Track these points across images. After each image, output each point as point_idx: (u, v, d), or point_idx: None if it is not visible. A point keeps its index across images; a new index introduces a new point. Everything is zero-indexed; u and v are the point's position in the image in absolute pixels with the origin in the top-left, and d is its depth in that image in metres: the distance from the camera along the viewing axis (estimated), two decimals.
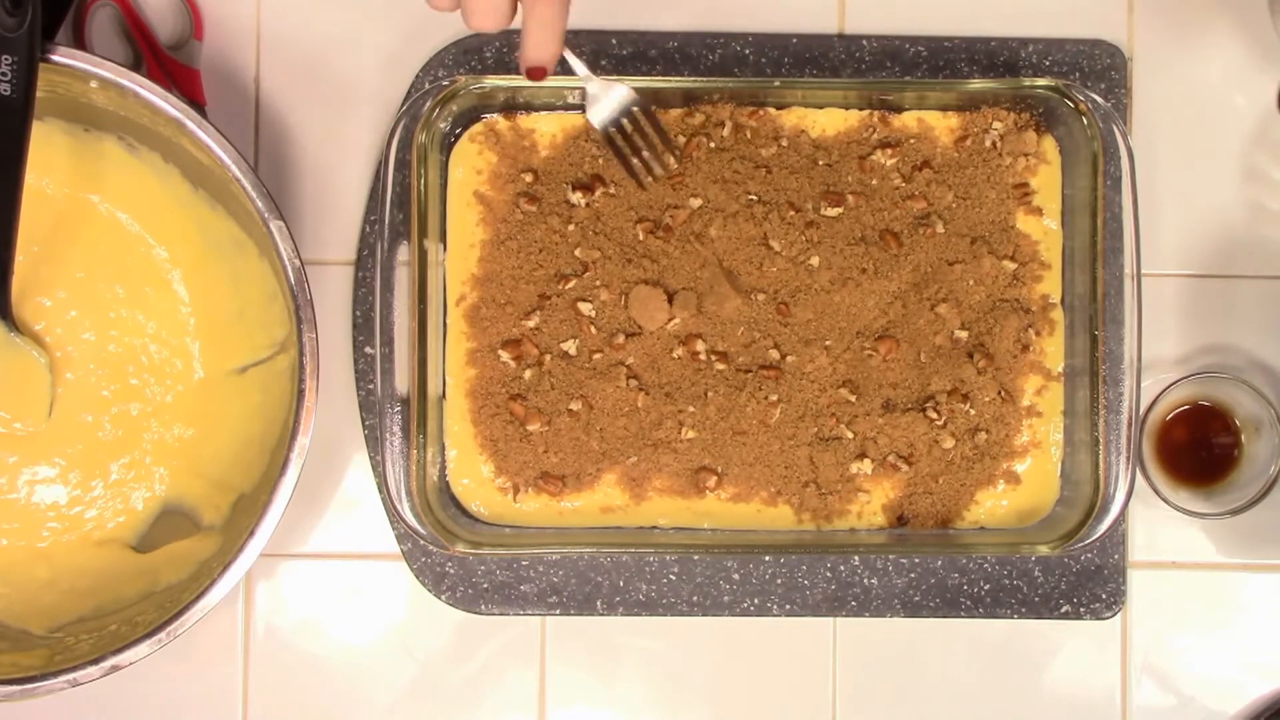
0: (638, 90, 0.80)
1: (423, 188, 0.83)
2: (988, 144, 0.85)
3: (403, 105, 0.86)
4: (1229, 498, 0.86)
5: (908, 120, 0.86)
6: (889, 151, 0.85)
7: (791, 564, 0.87)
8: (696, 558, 0.87)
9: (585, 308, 0.84)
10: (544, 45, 0.69)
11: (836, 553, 0.86)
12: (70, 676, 0.76)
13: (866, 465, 0.84)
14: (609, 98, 0.80)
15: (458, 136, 0.86)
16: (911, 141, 0.85)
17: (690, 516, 0.85)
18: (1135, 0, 0.88)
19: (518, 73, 0.71)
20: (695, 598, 0.87)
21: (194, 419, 0.85)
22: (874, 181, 0.85)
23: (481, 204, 0.86)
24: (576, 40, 0.88)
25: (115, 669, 0.76)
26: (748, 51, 0.88)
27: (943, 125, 0.86)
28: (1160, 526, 0.88)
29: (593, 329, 0.85)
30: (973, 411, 0.85)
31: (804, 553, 0.86)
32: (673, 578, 0.87)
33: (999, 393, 0.85)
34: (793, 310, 0.85)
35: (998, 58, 0.88)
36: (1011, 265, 0.85)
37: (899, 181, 0.85)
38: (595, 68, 0.87)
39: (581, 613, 0.87)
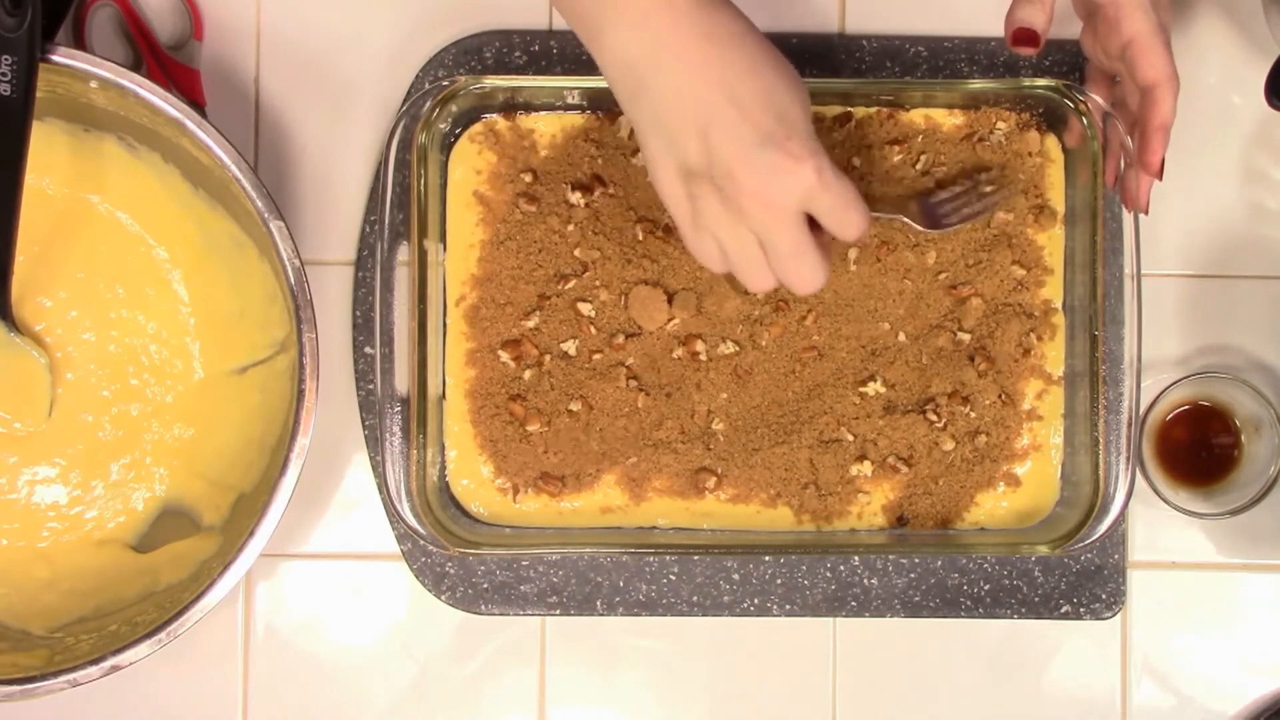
0: None
1: (422, 188, 0.83)
2: (993, 143, 0.85)
3: (403, 105, 0.86)
4: (1229, 498, 0.86)
5: (915, 117, 0.86)
6: (895, 148, 0.85)
7: (791, 564, 0.87)
8: (696, 558, 0.87)
9: (585, 308, 0.84)
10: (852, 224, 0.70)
11: (836, 553, 0.86)
12: (70, 676, 0.76)
13: (866, 467, 0.84)
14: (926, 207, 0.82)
15: (457, 136, 0.86)
16: (919, 139, 0.85)
17: (689, 517, 0.85)
18: None
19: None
20: (695, 598, 0.87)
21: (194, 419, 0.85)
22: (880, 171, 0.85)
23: (481, 204, 0.86)
24: (577, 41, 0.87)
25: (115, 669, 0.76)
26: None
27: (948, 124, 0.86)
28: (1160, 526, 0.88)
29: (592, 329, 0.85)
30: (973, 414, 0.85)
31: (804, 553, 0.86)
32: (673, 578, 0.87)
33: (999, 396, 0.85)
34: (792, 308, 0.85)
35: (998, 58, 0.88)
36: (1021, 271, 0.85)
37: (909, 176, 0.85)
38: (595, 68, 0.87)
39: (581, 613, 0.87)
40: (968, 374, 0.85)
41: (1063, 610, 0.87)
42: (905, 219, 0.79)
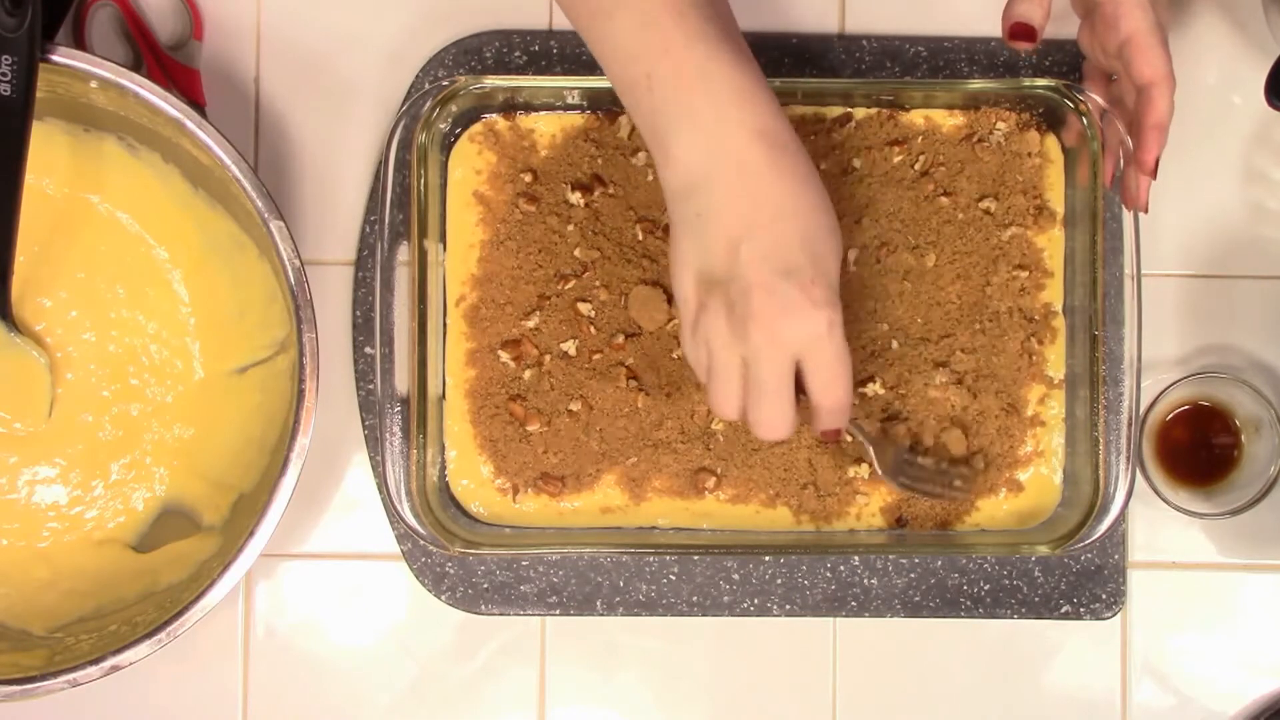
0: None
1: (422, 188, 0.83)
2: (993, 144, 0.85)
3: (403, 105, 0.86)
4: (1229, 498, 0.86)
5: (915, 118, 0.86)
6: (895, 149, 0.85)
7: (791, 564, 0.87)
8: (696, 558, 0.87)
9: (585, 308, 0.84)
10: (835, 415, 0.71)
11: (836, 553, 0.86)
12: (70, 676, 0.76)
13: (864, 469, 0.84)
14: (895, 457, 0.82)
15: (457, 136, 0.86)
16: (919, 140, 0.85)
17: (689, 517, 0.85)
18: None
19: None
20: (695, 598, 0.87)
21: (194, 419, 0.85)
22: (880, 173, 0.85)
23: (481, 204, 0.86)
24: (577, 41, 0.88)
25: (115, 669, 0.76)
26: None
27: (948, 124, 0.86)
28: (1160, 526, 0.88)
29: (592, 329, 0.85)
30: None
31: (804, 553, 0.86)
32: (673, 578, 0.87)
33: (1002, 407, 0.85)
34: None
35: (998, 58, 0.88)
36: (1024, 274, 0.85)
37: (909, 178, 0.85)
38: (595, 68, 0.87)
39: (581, 613, 0.87)
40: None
41: (1063, 610, 0.87)
42: (871, 450, 0.81)
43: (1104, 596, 0.87)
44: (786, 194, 0.67)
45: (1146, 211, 0.78)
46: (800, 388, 0.70)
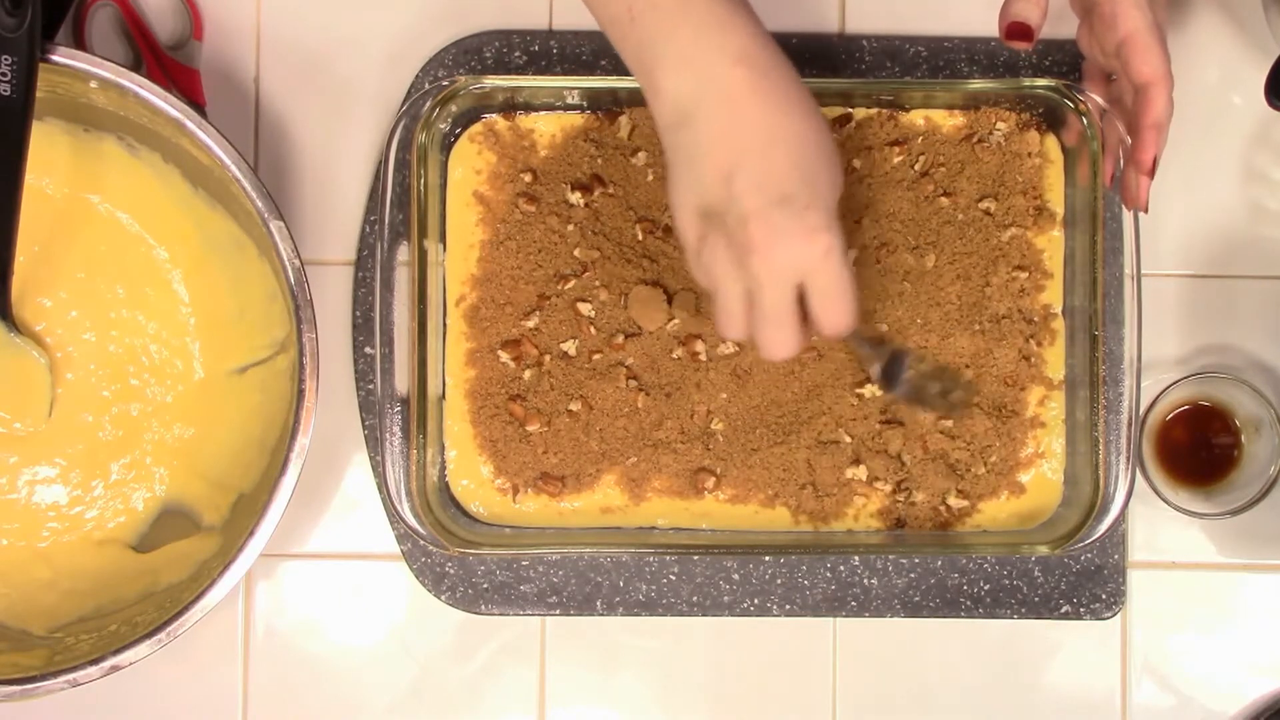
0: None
1: (422, 188, 0.83)
2: (993, 144, 0.85)
3: (403, 105, 0.86)
4: (1229, 498, 0.86)
5: (915, 118, 0.86)
6: (895, 149, 0.85)
7: (791, 564, 0.87)
8: (696, 558, 0.87)
9: (585, 308, 0.84)
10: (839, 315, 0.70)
11: (836, 552, 0.86)
12: (70, 676, 0.76)
13: (862, 471, 0.84)
14: (894, 364, 0.82)
15: (457, 136, 0.86)
16: (919, 140, 0.85)
17: (689, 517, 0.85)
18: None
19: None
20: (695, 598, 0.87)
21: (194, 419, 0.85)
22: (881, 173, 0.85)
23: (481, 204, 0.86)
24: (576, 41, 0.88)
25: (115, 669, 0.76)
26: None
27: (948, 124, 0.86)
28: (1160, 526, 0.88)
29: (592, 329, 0.85)
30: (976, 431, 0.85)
31: (804, 553, 0.86)
32: (673, 578, 0.87)
33: (1002, 410, 0.85)
34: None
35: (998, 58, 0.88)
36: (1023, 275, 0.85)
37: (909, 178, 0.85)
38: (595, 68, 0.88)
39: (581, 613, 0.87)
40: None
41: (1063, 610, 0.87)
42: (871, 363, 0.81)
43: (1104, 596, 0.87)
44: (774, 120, 0.66)
45: (1146, 211, 0.78)
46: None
